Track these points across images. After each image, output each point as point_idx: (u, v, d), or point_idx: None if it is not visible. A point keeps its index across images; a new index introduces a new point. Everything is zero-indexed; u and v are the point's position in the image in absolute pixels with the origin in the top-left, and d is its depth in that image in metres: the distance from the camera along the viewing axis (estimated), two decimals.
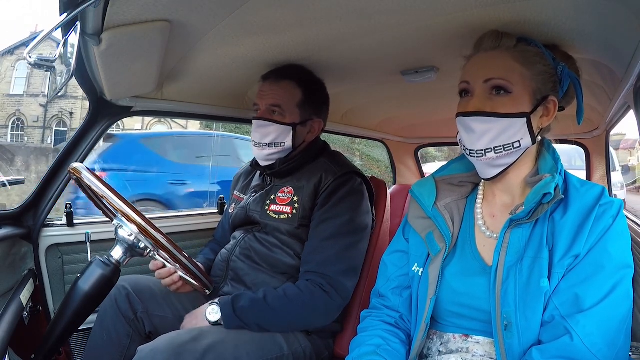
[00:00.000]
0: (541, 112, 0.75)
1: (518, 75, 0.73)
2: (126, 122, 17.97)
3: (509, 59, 0.74)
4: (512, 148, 0.73)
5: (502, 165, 0.76)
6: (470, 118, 0.74)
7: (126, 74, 0.94)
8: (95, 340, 1.07)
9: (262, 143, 1.14)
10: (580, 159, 1.92)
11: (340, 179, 1.12)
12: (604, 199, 0.70)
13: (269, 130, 1.13)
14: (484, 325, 0.74)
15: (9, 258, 1.08)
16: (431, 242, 0.80)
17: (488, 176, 0.78)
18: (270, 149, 1.14)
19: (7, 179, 1.38)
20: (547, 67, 0.76)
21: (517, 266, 0.70)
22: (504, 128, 0.72)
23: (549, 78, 0.75)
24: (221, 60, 1.04)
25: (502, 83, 0.73)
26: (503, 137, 0.72)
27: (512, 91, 0.73)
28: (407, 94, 1.43)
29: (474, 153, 0.75)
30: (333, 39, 0.94)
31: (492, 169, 0.76)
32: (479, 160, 0.76)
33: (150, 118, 16.52)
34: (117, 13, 0.68)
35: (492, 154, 0.73)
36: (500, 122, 0.72)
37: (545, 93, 0.75)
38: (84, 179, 0.84)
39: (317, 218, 1.10)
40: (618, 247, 0.68)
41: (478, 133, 0.73)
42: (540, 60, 0.75)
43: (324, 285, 1.03)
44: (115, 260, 0.88)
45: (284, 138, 1.13)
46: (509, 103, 0.73)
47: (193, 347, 0.88)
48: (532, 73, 0.74)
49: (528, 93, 0.73)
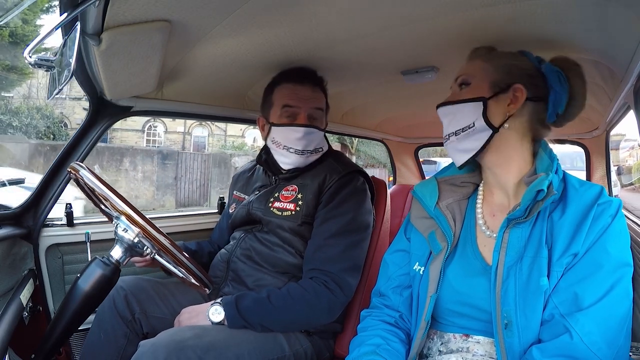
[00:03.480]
0: (508, 99, 0.79)
1: (479, 69, 0.82)
2: (169, 125, 18.10)
3: (477, 61, 0.84)
4: (468, 129, 0.79)
5: (467, 150, 0.80)
6: (440, 109, 0.85)
7: (126, 74, 0.94)
8: (92, 340, 1.06)
9: (307, 150, 1.14)
10: (582, 161, 1.92)
11: (344, 177, 1.12)
12: (603, 198, 0.71)
13: (314, 137, 1.14)
14: (484, 324, 0.75)
15: (9, 258, 1.08)
16: (433, 241, 0.81)
17: (458, 163, 0.83)
18: (314, 155, 1.17)
19: (7, 179, 1.38)
20: (515, 62, 0.81)
21: (517, 265, 0.70)
22: (461, 112, 0.81)
23: (515, 70, 0.80)
24: (221, 60, 1.04)
25: (463, 78, 0.83)
26: (461, 120, 0.80)
27: (471, 82, 0.82)
28: (407, 94, 1.43)
29: (445, 139, 0.84)
30: (333, 39, 0.94)
31: (459, 155, 0.82)
32: (447, 145, 0.84)
33: (192, 121, 16.58)
34: (117, 13, 0.68)
35: (454, 137, 0.82)
36: (457, 107, 0.81)
37: (509, 81, 0.79)
38: (83, 179, 0.84)
39: (321, 216, 1.10)
40: (617, 246, 0.68)
41: (445, 121, 0.84)
42: (509, 57, 0.82)
43: (328, 282, 1.03)
44: (115, 260, 0.88)
45: (323, 142, 1.18)
46: (467, 92, 0.81)
47: (194, 344, 0.88)
48: (492, 65, 0.81)
49: (486, 82, 0.80)
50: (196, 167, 11.12)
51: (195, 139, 18.58)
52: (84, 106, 13.78)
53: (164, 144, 17.49)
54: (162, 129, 18.38)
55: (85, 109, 2.08)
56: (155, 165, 10.85)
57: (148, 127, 18.18)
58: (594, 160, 1.81)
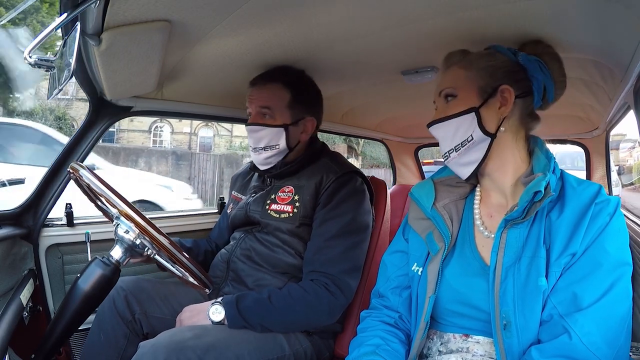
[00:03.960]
0: (498, 103, 0.78)
1: (462, 79, 0.80)
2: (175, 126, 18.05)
3: (456, 69, 0.82)
4: (468, 142, 0.78)
5: (470, 162, 0.80)
6: (431, 127, 0.83)
7: (126, 74, 0.94)
8: (92, 340, 1.06)
9: (257, 147, 1.15)
10: (583, 160, 1.92)
11: (341, 178, 1.12)
12: (600, 197, 0.70)
13: (261, 134, 1.13)
14: (483, 324, 0.74)
15: (9, 258, 1.08)
16: (431, 242, 0.81)
17: (464, 176, 0.82)
18: (266, 152, 1.14)
19: (7, 179, 1.38)
20: (494, 62, 0.80)
21: (515, 266, 0.70)
22: (456, 127, 0.79)
23: (497, 71, 0.79)
24: (221, 61, 1.04)
25: (448, 91, 0.81)
26: (458, 135, 0.79)
27: (457, 94, 0.80)
28: (407, 94, 1.43)
29: (445, 156, 0.82)
30: (333, 39, 0.94)
31: (463, 168, 0.81)
32: (448, 163, 0.83)
33: (198, 122, 16.59)
34: (117, 13, 0.68)
35: (454, 154, 0.80)
36: (450, 123, 0.79)
37: (494, 84, 0.78)
38: (83, 179, 0.84)
39: (319, 217, 1.10)
40: (615, 245, 0.68)
41: (441, 138, 0.83)
42: (486, 58, 0.81)
43: (329, 284, 1.03)
44: (115, 260, 0.88)
45: (278, 140, 1.13)
46: (456, 105, 0.80)
47: (194, 344, 0.88)
48: (473, 72, 0.80)
49: (474, 90, 0.79)
50: (209, 167, 11.24)
51: (201, 139, 18.61)
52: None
53: (170, 144, 17.53)
54: (168, 129, 18.40)
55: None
56: (169, 165, 11.02)
57: (155, 128, 18.19)
58: (594, 160, 1.81)
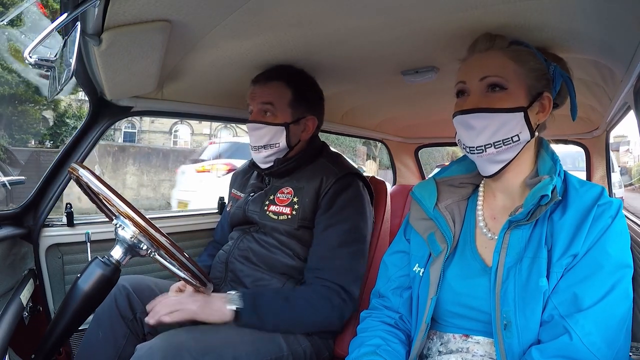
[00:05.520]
0: (537, 108, 0.77)
1: (512, 72, 0.75)
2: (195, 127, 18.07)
3: (503, 57, 0.76)
4: (512, 142, 0.74)
5: (502, 161, 0.76)
6: (469, 115, 0.75)
7: (126, 74, 0.94)
8: (90, 338, 1.05)
9: (258, 145, 1.15)
10: (583, 161, 1.91)
11: (341, 180, 1.12)
12: (603, 199, 0.70)
13: (262, 132, 1.13)
14: (484, 325, 0.74)
15: (9, 258, 1.08)
16: (433, 243, 0.80)
17: (489, 173, 0.78)
18: (266, 151, 1.14)
19: (7, 179, 1.38)
20: (539, 65, 0.78)
21: (516, 266, 0.70)
22: (503, 122, 0.74)
23: (542, 75, 0.77)
24: (221, 60, 1.04)
25: (497, 80, 0.75)
26: (502, 131, 0.74)
27: (508, 87, 0.75)
28: (407, 94, 1.43)
29: (474, 150, 0.76)
30: (333, 39, 0.94)
31: (493, 165, 0.77)
32: (479, 156, 0.77)
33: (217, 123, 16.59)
34: (117, 13, 0.68)
35: (492, 149, 0.75)
36: (498, 117, 0.74)
37: (539, 89, 0.77)
38: (83, 179, 0.84)
39: (322, 222, 1.10)
40: (617, 247, 0.68)
41: (477, 129, 0.75)
42: (533, 59, 0.78)
43: (341, 293, 1.04)
44: (115, 260, 0.88)
45: (278, 138, 1.14)
46: (505, 98, 0.74)
47: (192, 347, 0.88)
48: (525, 70, 0.76)
49: (523, 89, 0.75)
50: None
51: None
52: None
53: (190, 145, 17.56)
54: (188, 130, 18.45)
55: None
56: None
57: (175, 130, 18.26)
58: (594, 161, 1.81)
